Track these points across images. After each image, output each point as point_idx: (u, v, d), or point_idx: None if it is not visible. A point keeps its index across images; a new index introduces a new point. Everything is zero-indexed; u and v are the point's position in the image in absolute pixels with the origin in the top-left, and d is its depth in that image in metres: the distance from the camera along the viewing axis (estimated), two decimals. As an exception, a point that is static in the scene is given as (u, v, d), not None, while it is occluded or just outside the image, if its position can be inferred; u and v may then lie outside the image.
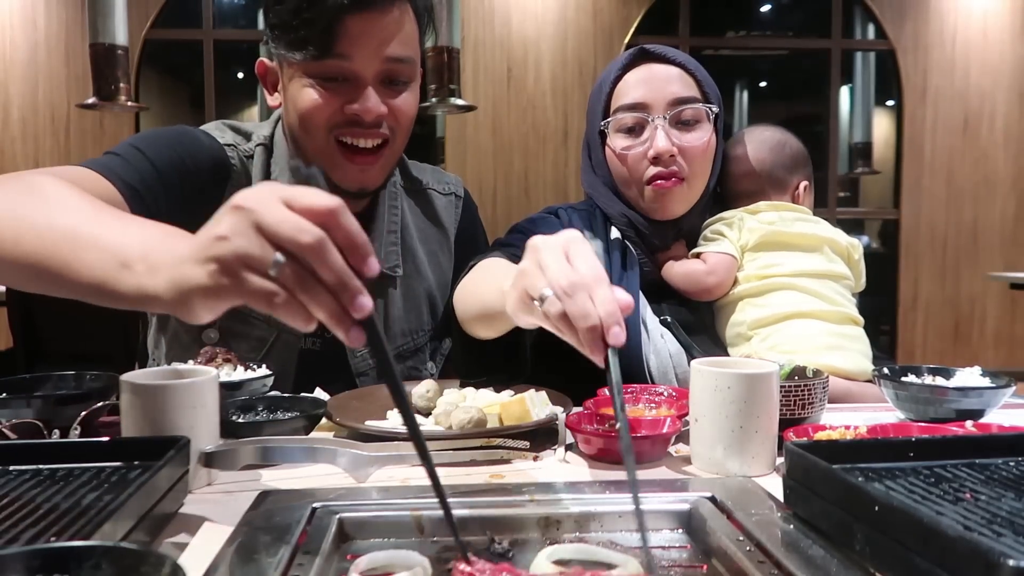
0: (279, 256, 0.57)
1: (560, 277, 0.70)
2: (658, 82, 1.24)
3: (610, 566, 0.59)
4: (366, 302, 0.58)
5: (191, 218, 0.74)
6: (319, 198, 0.58)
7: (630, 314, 0.70)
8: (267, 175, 1.23)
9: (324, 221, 0.57)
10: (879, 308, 5.85)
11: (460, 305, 1.11)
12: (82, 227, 0.73)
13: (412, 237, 1.34)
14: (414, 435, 0.61)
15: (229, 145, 1.21)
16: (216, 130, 1.22)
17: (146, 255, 0.66)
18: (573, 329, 0.69)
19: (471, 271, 1.13)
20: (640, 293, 1.25)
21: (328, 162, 1.16)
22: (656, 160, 1.23)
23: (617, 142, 1.27)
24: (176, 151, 1.13)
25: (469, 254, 1.27)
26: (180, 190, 1.11)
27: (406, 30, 1.14)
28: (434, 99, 2.85)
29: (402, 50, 1.13)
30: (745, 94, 7.42)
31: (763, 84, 7.66)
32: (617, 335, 0.67)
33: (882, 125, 6.60)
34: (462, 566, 0.55)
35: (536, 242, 0.75)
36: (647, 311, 1.25)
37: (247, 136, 1.24)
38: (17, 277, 0.79)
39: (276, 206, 0.58)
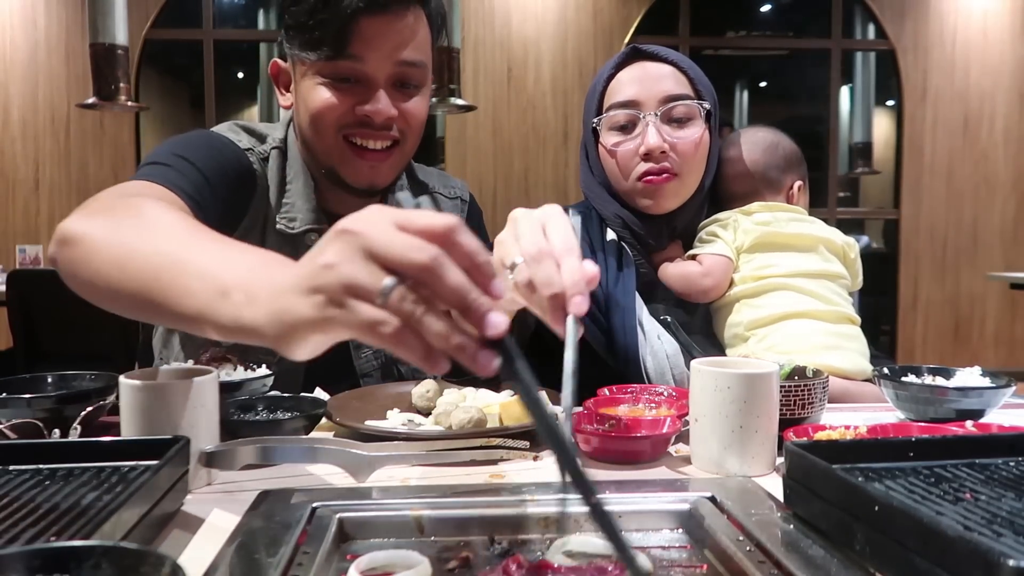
0: (388, 280, 0.52)
1: (531, 245, 0.71)
2: (650, 80, 1.25)
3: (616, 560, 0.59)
4: (499, 320, 0.52)
5: (229, 227, 0.72)
6: (435, 217, 0.53)
7: (595, 287, 0.69)
8: (282, 179, 1.22)
9: (441, 241, 0.52)
10: (879, 308, 5.85)
11: None
12: (183, 253, 0.70)
13: None
14: (560, 450, 0.53)
15: (248, 150, 1.20)
16: (231, 133, 1.22)
17: (246, 283, 0.62)
18: (535, 297, 0.70)
19: None
20: (636, 294, 1.25)
21: (338, 160, 1.16)
22: (647, 156, 1.23)
23: (609, 139, 1.27)
24: (216, 159, 1.12)
25: None
26: (224, 198, 1.10)
27: (419, 35, 1.15)
28: (434, 99, 2.85)
29: (415, 54, 1.14)
30: (745, 94, 7.43)
31: (763, 84, 7.67)
32: (579, 304, 0.66)
33: (882, 125, 6.61)
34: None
35: (516, 214, 0.76)
36: (643, 312, 1.25)
37: (261, 138, 1.24)
38: (122, 305, 0.76)
39: (388, 228, 0.53)
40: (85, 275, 0.78)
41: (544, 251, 0.70)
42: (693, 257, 1.29)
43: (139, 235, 0.76)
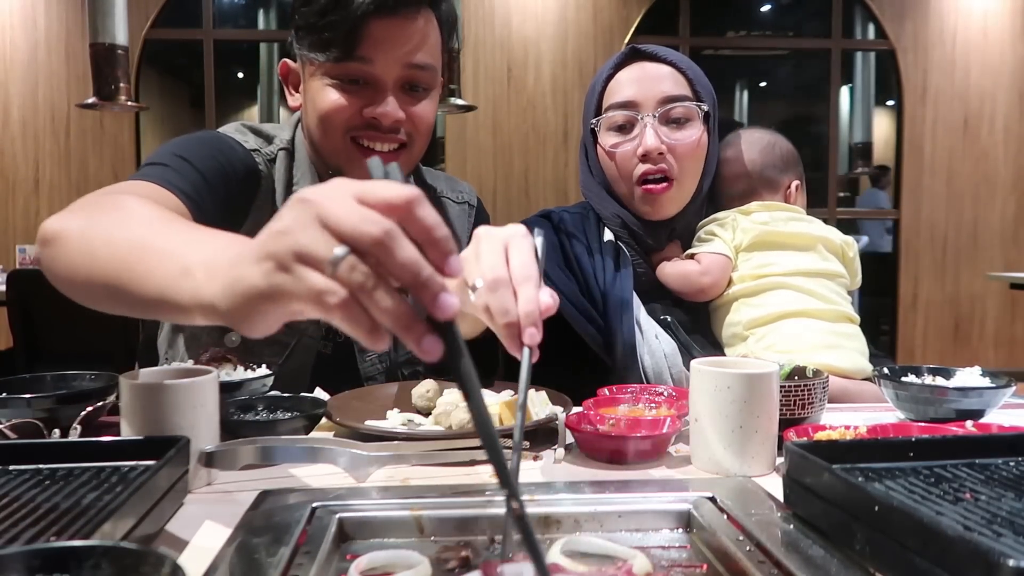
0: (339, 249, 0.51)
1: (488, 270, 0.70)
2: (649, 80, 1.24)
3: (618, 560, 0.59)
4: (451, 301, 0.50)
5: (231, 226, 0.72)
6: (394, 189, 0.52)
7: (552, 314, 0.69)
8: (289, 180, 1.22)
9: (399, 214, 0.51)
10: (879, 308, 5.85)
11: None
12: (152, 238, 0.70)
13: None
14: (490, 444, 0.51)
15: (254, 150, 1.20)
16: (238, 133, 1.21)
17: (208, 261, 0.61)
18: (493, 323, 0.69)
19: None
20: (634, 293, 1.25)
21: (345, 161, 1.16)
22: (645, 157, 1.23)
23: (607, 140, 1.27)
24: (217, 159, 1.12)
25: None
26: (224, 198, 1.11)
27: (430, 38, 1.15)
28: (434, 99, 2.85)
29: (424, 57, 1.14)
30: (745, 94, 7.43)
31: (763, 84, 7.67)
32: (532, 336, 0.66)
33: (882, 125, 6.61)
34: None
35: (480, 232, 0.76)
36: (641, 311, 1.25)
37: (268, 139, 1.24)
38: (96, 296, 0.76)
39: (345, 198, 0.52)
40: (63, 270, 0.79)
41: (501, 278, 0.69)
42: (692, 256, 1.29)
43: (113, 226, 0.76)
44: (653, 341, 1.22)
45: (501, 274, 0.69)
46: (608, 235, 1.31)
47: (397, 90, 1.14)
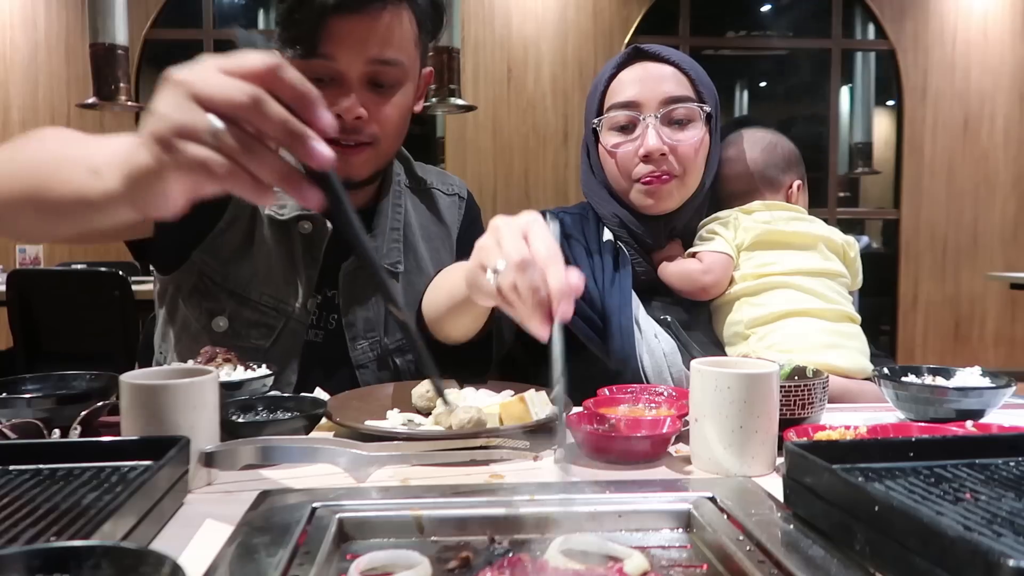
0: (216, 121, 0.56)
1: (514, 252, 0.73)
2: (651, 80, 1.24)
3: (617, 559, 0.59)
4: (322, 149, 0.56)
5: (210, 216, 0.87)
6: (255, 58, 0.57)
7: (580, 295, 0.72)
8: None
9: (264, 81, 0.57)
10: (879, 308, 5.85)
11: (429, 305, 1.12)
12: (65, 149, 0.76)
13: (415, 234, 1.34)
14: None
15: None
16: None
17: (108, 158, 0.66)
18: (521, 302, 0.72)
19: (440, 273, 1.15)
20: (633, 293, 1.25)
21: None
22: (646, 158, 1.23)
23: (609, 140, 1.27)
24: None
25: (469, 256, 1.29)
26: None
27: (397, 33, 1.14)
28: (434, 99, 2.85)
29: (388, 52, 1.13)
30: (745, 94, 7.43)
31: (763, 84, 7.66)
32: (565, 310, 0.69)
33: (882, 125, 6.61)
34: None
35: (497, 221, 0.79)
36: (640, 311, 1.25)
37: None
38: (13, 215, 0.81)
39: (211, 73, 0.57)
40: None
41: (527, 259, 0.72)
42: (693, 255, 1.29)
43: (27, 146, 0.82)
44: (652, 340, 1.22)
45: (527, 255, 0.73)
46: (607, 235, 1.31)
47: (362, 87, 1.14)
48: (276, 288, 1.21)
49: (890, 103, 6.28)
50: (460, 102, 3.10)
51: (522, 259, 0.72)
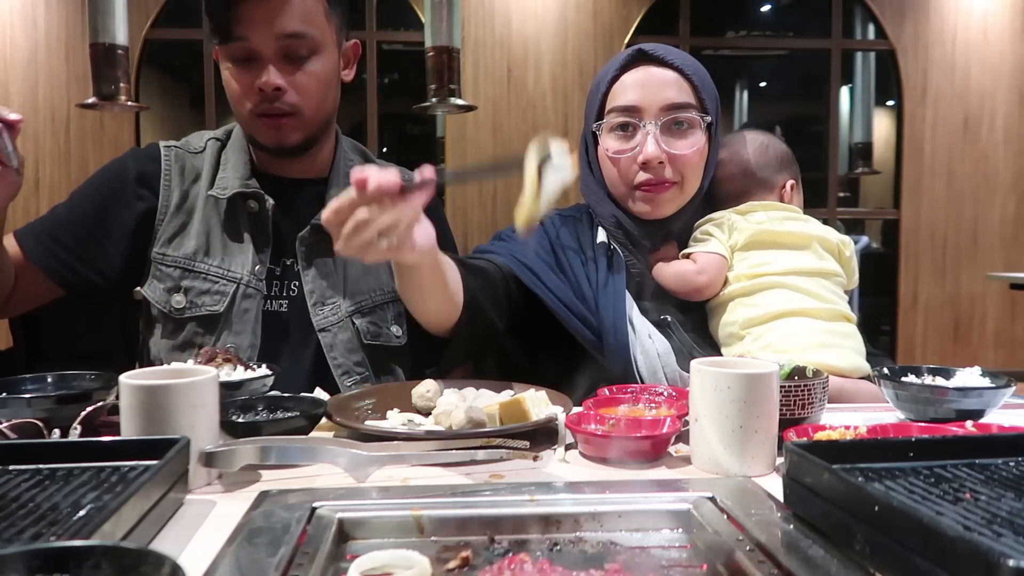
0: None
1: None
2: (653, 86, 1.24)
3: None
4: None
5: (139, 211, 1.11)
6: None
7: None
8: (218, 160, 1.36)
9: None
10: (879, 308, 5.84)
11: (407, 302, 1.15)
12: None
13: None
14: None
15: (170, 147, 1.37)
16: (145, 149, 1.38)
17: None
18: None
19: None
20: (627, 294, 1.25)
21: (250, 128, 1.31)
22: (645, 166, 1.23)
23: (609, 144, 1.27)
24: (88, 186, 1.36)
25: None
26: (103, 205, 1.32)
27: (299, 8, 1.23)
28: (434, 99, 2.84)
29: (295, 26, 1.23)
30: (745, 94, 7.42)
31: (763, 84, 7.66)
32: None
33: (882, 125, 6.60)
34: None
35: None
36: (634, 311, 1.25)
37: (200, 138, 1.40)
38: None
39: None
40: None
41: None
42: (688, 256, 1.29)
43: None
44: (646, 341, 1.22)
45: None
46: (602, 236, 1.31)
47: (279, 61, 1.24)
48: (221, 259, 1.30)
49: (890, 103, 6.27)
50: (460, 102, 3.09)
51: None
